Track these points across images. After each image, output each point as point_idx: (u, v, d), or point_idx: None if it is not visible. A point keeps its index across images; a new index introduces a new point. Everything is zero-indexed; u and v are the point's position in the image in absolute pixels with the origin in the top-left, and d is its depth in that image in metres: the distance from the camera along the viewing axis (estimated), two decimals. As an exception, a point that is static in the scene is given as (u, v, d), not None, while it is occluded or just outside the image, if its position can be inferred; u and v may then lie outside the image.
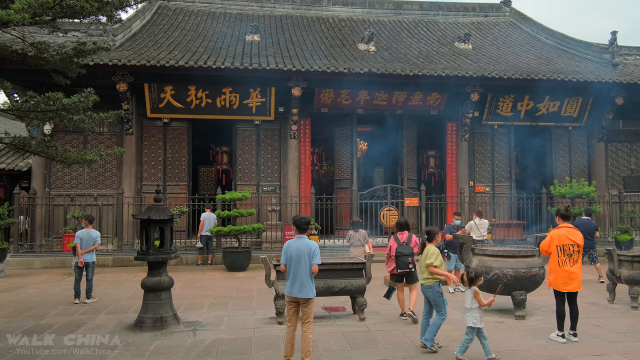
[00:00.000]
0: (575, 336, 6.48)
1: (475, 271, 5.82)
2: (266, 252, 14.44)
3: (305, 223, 5.76)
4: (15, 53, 8.00)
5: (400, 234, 7.89)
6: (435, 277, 6.25)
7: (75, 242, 9.26)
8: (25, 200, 14.60)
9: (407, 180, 17.79)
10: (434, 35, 20.96)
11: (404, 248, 7.69)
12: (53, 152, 7.58)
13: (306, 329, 5.50)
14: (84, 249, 9.18)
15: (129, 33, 17.07)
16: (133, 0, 6.95)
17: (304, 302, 5.52)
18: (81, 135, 15.65)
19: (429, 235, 6.55)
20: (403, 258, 7.60)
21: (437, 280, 6.26)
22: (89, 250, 9.23)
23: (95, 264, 9.48)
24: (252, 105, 16.12)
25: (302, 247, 5.52)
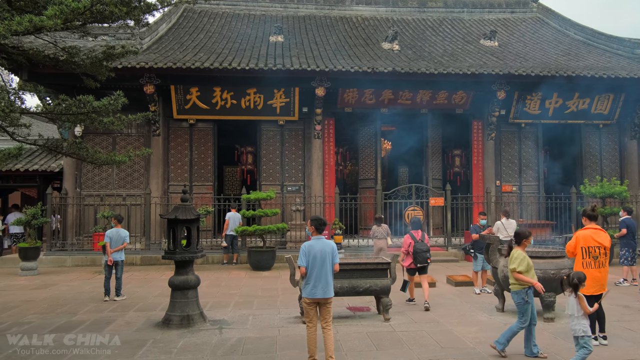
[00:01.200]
0: (605, 339, 6.33)
1: (577, 276, 5.25)
2: (290, 251, 14.51)
3: (323, 224, 5.82)
4: (47, 58, 8.24)
5: (415, 232, 8.56)
6: (522, 284, 5.85)
7: (105, 241, 9.51)
8: (57, 200, 15.03)
9: (432, 179, 17.62)
10: (458, 33, 20.70)
11: (421, 245, 8.39)
12: (84, 153, 7.78)
13: (330, 328, 5.56)
14: (113, 248, 9.42)
15: (155, 36, 17.39)
16: (160, 4, 7.06)
17: (325, 302, 5.55)
18: (110, 137, 16.02)
19: (517, 238, 6.16)
20: (422, 254, 8.34)
21: (524, 287, 5.84)
22: (118, 249, 9.47)
23: (124, 262, 9.72)
24: (276, 106, 16.22)
25: (325, 247, 5.59)
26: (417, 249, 8.34)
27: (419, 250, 8.32)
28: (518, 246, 6.07)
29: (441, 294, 9.78)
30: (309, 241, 5.74)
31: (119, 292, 9.48)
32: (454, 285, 10.63)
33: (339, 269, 7.61)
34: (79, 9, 5.69)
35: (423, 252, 8.32)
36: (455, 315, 8.05)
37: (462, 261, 14.60)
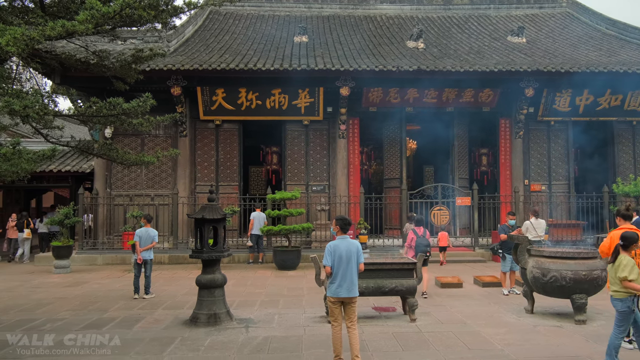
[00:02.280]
0: None
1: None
2: (315, 251, 14.53)
3: (348, 223, 5.81)
4: (79, 61, 8.48)
5: (418, 229, 9.63)
6: (629, 291, 5.32)
7: (135, 240, 9.72)
8: (89, 200, 15.42)
9: (458, 179, 17.40)
10: (485, 30, 20.38)
11: (422, 240, 9.45)
12: (114, 154, 7.97)
13: (355, 327, 5.56)
14: (142, 247, 9.63)
15: (182, 39, 17.67)
16: (186, 7, 7.18)
17: (350, 301, 5.55)
18: (139, 138, 16.36)
19: (626, 242, 5.42)
20: (422, 247, 9.29)
21: (630, 295, 5.31)
22: (147, 248, 9.67)
23: (153, 261, 9.91)
24: (300, 106, 16.28)
25: (350, 247, 5.60)
26: (418, 243, 9.36)
27: (420, 245, 9.31)
28: (625, 251, 5.44)
29: (468, 295, 9.65)
30: (333, 241, 5.74)
31: (148, 290, 9.67)
32: (482, 286, 10.48)
33: (365, 269, 7.62)
34: (109, 13, 5.83)
35: (423, 246, 9.29)
36: (482, 316, 7.93)
37: (490, 261, 14.37)
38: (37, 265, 14.60)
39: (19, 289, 10.82)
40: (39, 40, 5.52)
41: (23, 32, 5.29)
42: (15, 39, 5.20)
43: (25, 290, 10.56)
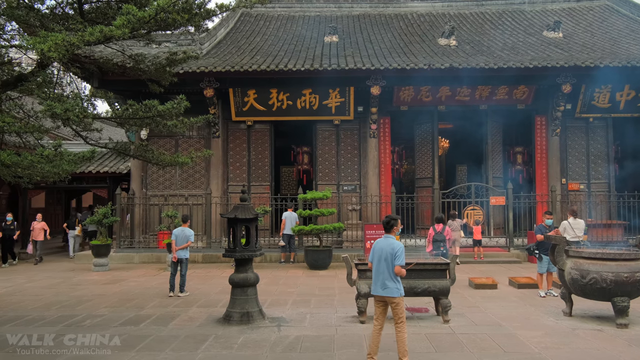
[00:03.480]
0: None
1: None
2: (347, 251, 14.53)
3: (387, 222, 5.77)
4: (116, 65, 8.73)
5: (437, 226, 11.04)
6: None
7: (172, 239, 9.96)
8: (125, 200, 15.85)
9: (492, 178, 17.06)
10: (519, 25, 19.90)
11: (439, 236, 10.94)
12: (150, 155, 8.17)
13: (398, 329, 5.55)
14: (178, 246, 9.84)
15: (214, 41, 17.95)
16: (219, 10, 7.29)
17: (389, 300, 5.56)
18: (173, 139, 16.71)
19: None
20: (437, 243, 10.90)
21: None
22: (182, 247, 9.87)
23: (188, 260, 10.12)
24: (331, 106, 16.29)
25: (385, 246, 5.58)
26: (434, 238, 10.99)
27: (436, 240, 10.95)
28: None
29: (503, 296, 9.45)
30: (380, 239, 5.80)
31: (182, 288, 9.87)
32: (517, 287, 10.24)
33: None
34: (145, 17, 5.97)
35: (438, 241, 10.89)
36: (518, 318, 7.76)
37: (525, 262, 14.03)
38: (77, 263, 15.12)
39: (61, 286, 11.22)
40: (78, 46, 5.71)
41: (64, 38, 5.48)
42: (57, 44, 5.40)
43: (67, 288, 10.95)
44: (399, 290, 5.53)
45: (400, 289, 5.56)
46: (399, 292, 5.53)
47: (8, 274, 13.17)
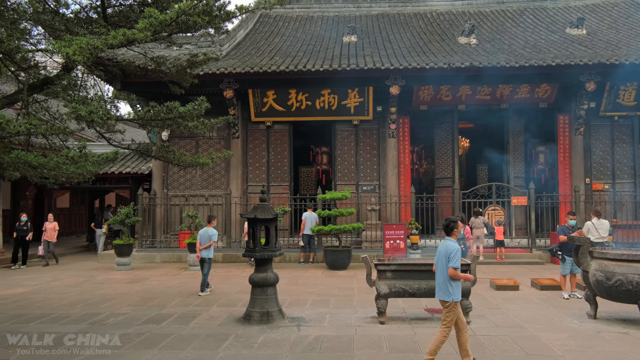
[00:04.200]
0: None
1: None
2: (366, 251, 14.50)
3: (446, 225, 5.63)
4: (138, 68, 8.87)
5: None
6: None
7: (197, 239, 10.26)
8: (147, 200, 16.09)
9: (513, 178, 16.83)
10: (541, 23, 19.58)
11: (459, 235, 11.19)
12: (171, 156, 8.28)
13: (439, 331, 5.46)
14: (202, 246, 10.08)
15: (234, 42, 18.09)
16: (238, 11, 7.35)
17: (442, 304, 5.49)
18: (193, 140, 16.90)
19: None
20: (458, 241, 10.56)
21: None
22: (205, 247, 10.09)
23: (212, 260, 10.30)
24: (350, 106, 16.27)
25: (442, 248, 5.53)
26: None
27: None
28: None
29: (525, 298, 9.31)
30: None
31: (203, 287, 9.99)
32: (539, 289, 10.08)
33: (416, 270, 7.55)
34: (166, 20, 6.06)
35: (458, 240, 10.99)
36: (541, 320, 7.64)
37: (548, 263, 13.81)
38: (101, 262, 15.40)
39: (85, 284, 11.45)
40: (102, 49, 5.82)
41: (88, 42, 5.59)
42: (81, 48, 5.51)
43: (91, 286, 11.17)
44: (451, 295, 5.37)
45: (454, 292, 5.38)
46: (450, 296, 5.37)
47: (34, 273, 13.50)
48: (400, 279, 7.50)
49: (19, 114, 7.57)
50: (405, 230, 13.97)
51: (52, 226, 15.13)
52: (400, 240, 13.73)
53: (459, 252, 5.41)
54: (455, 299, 5.38)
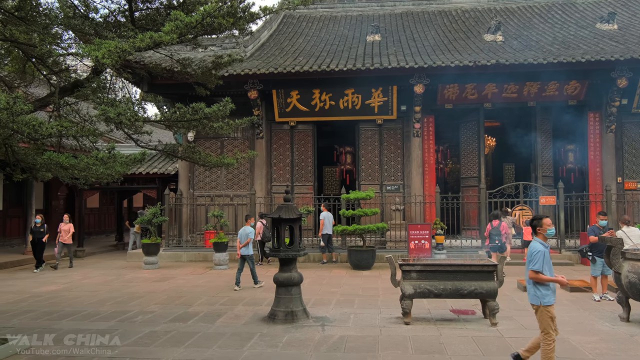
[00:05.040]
0: None
1: None
2: (390, 251, 14.42)
3: (530, 223, 5.44)
4: (164, 70, 9.02)
5: (495, 222, 11.77)
6: None
7: (238, 237, 10.90)
8: (173, 200, 16.35)
9: (541, 177, 16.47)
10: (570, 18, 19.12)
11: (495, 230, 11.68)
12: (197, 157, 8.39)
13: (541, 340, 5.21)
14: (241, 244, 10.65)
15: (258, 43, 18.22)
16: (262, 13, 7.40)
17: (533, 308, 5.27)
18: (218, 141, 17.10)
19: None
20: (494, 237, 11.70)
21: None
22: (244, 245, 10.61)
23: (253, 256, 10.82)
24: (374, 105, 16.20)
25: (528, 250, 5.31)
26: (491, 233, 11.71)
27: (492, 235, 11.69)
28: None
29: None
30: None
31: (255, 280, 10.72)
32: (569, 290, 9.85)
33: (441, 270, 7.47)
34: (192, 22, 6.15)
35: (494, 235, 11.67)
36: (571, 323, 7.46)
37: (578, 264, 13.49)
38: (129, 261, 15.71)
39: (114, 283, 11.71)
40: (129, 52, 5.93)
41: (116, 45, 5.71)
42: (110, 51, 5.63)
43: (119, 284, 11.41)
44: (537, 298, 5.14)
45: (541, 295, 5.12)
46: (537, 299, 5.14)
47: (65, 271, 13.86)
48: (425, 280, 7.44)
49: (51, 116, 7.80)
50: (430, 230, 13.84)
51: (67, 228, 14.41)
52: (425, 240, 13.61)
53: (540, 254, 5.11)
54: (544, 303, 5.10)
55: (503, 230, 11.73)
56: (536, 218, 5.35)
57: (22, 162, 6.73)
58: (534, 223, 5.33)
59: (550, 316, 5.13)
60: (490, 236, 11.75)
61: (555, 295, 5.23)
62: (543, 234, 5.24)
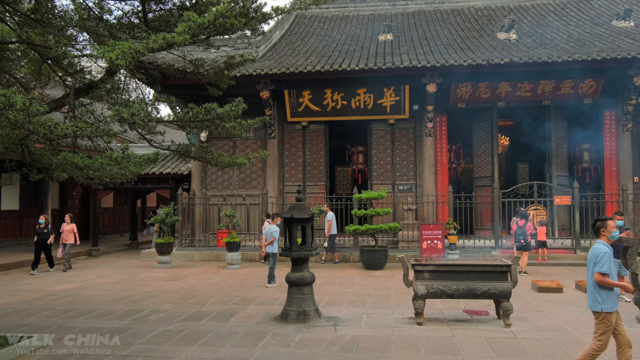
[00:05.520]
0: None
1: None
2: (403, 251, 14.36)
3: (592, 226, 5.15)
4: (177, 70, 9.08)
5: (520, 221, 12.13)
6: None
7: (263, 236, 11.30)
8: (186, 200, 16.46)
9: (556, 176, 16.29)
10: (585, 16, 18.86)
11: (520, 230, 12.04)
12: (209, 157, 8.43)
13: (592, 341, 4.97)
14: (266, 242, 11.05)
15: (270, 44, 18.27)
16: (274, 13, 7.41)
17: (593, 314, 4.98)
18: (231, 141, 17.18)
19: None
20: (518, 236, 12.05)
21: None
22: (268, 243, 10.92)
23: (276, 255, 10.95)
24: (386, 105, 16.15)
25: (590, 252, 5.01)
26: (516, 232, 12.10)
27: (517, 234, 12.05)
28: None
29: (569, 301, 9.00)
30: None
31: (269, 280, 10.77)
32: (584, 291, 9.70)
33: (455, 270, 7.42)
34: (204, 23, 6.18)
35: (519, 234, 12.01)
36: (587, 324, 7.34)
37: (594, 266, 13.29)
38: (142, 260, 15.85)
39: (128, 282, 11.82)
40: (143, 53, 5.98)
41: (130, 46, 5.76)
42: (124, 52, 5.69)
43: (133, 283, 11.52)
44: (599, 304, 4.80)
45: (603, 301, 4.79)
46: (598, 305, 4.82)
47: (80, 270, 14.03)
48: (438, 280, 7.39)
49: (66, 117, 7.90)
50: (442, 230, 13.76)
51: (70, 228, 13.83)
52: (437, 240, 13.54)
53: (607, 256, 4.79)
54: (605, 309, 4.78)
55: (528, 230, 12.10)
56: (600, 219, 5.08)
57: (38, 163, 6.82)
58: (598, 225, 5.04)
59: (610, 324, 4.81)
60: (516, 235, 12.07)
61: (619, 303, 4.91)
62: (607, 235, 4.97)
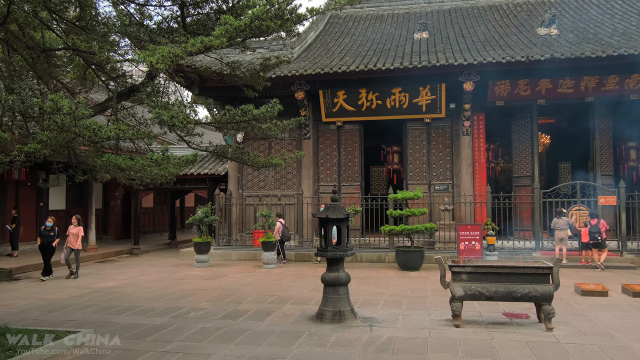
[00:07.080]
0: None
1: None
2: (439, 252, 14.17)
3: None
4: (214, 73, 9.26)
5: (592, 220, 12.52)
6: None
7: None
8: (223, 200, 16.75)
9: (600, 176, 15.69)
10: (632, 9, 18.08)
11: (594, 228, 12.37)
12: (246, 157, 8.55)
13: None
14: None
15: (304, 45, 18.36)
16: (309, 14, 7.44)
17: None
18: (266, 142, 17.36)
19: None
20: (593, 234, 12.38)
21: None
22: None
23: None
24: (421, 104, 15.96)
25: None
26: (590, 231, 12.41)
27: (591, 232, 12.38)
28: None
29: (616, 305, 8.66)
30: None
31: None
32: (632, 295, 9.32)
33: (493, 272, 7.26)
34: (241, 26, 6.27)
35: (593, 232, 12.38)
36: (634, 329, 7.06)
37: (642, 269, 12.76)
38: (181, 259, 16.23)
39: (168, 280, 12.13)
40: (182, 57, 6.13)
41: (169, 50, 5.91)
42: (163, 57, 5.84)
43: (173, 282, 11.81)
44: None
45: None
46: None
47: (122, 268, 14.50)
48: (476, 282, 7.25)
49: (109, 120, 8.18)
50: (480, 231, 13.50)
51: (76, 231, 12.59)
52: (475, 241, 13.29)
53: None
54: None
55: (603, 228, 12.40)
56: None
57: (83, 164, 7.10)
58: None
59: None
60: (590, 233, 12.41)
61: None
62: None
